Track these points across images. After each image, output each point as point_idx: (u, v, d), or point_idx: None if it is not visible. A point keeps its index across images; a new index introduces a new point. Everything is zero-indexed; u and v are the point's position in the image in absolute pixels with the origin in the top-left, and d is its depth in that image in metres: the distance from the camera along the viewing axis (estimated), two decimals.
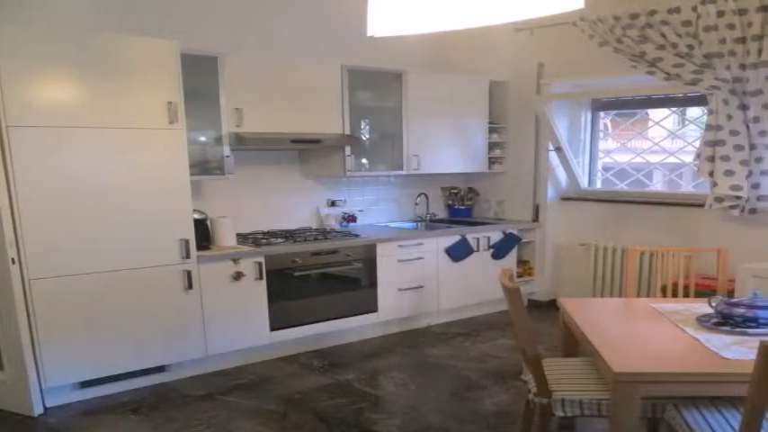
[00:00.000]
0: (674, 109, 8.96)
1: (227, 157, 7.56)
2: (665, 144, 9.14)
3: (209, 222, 7.53)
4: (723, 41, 7.22)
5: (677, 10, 7.50)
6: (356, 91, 8.64)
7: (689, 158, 8.71)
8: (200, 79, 7.30)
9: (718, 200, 7.59)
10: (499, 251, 9.62)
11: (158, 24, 7.40)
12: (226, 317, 7.30)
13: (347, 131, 8.49)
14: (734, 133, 7.37)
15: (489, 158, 10.15)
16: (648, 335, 4.51)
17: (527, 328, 4.51)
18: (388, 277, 8.55)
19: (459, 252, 9.18)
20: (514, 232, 9.76)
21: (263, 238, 8.01)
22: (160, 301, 6.86)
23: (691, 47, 7.47)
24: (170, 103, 6.67)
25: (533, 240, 10.08)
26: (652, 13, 7.67)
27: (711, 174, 7.60)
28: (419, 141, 9.27)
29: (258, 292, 7.52)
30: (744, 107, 7.31)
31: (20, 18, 6.70)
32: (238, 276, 7.33)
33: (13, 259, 5.99)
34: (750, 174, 7.38)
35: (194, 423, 6.10)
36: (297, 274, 7.79)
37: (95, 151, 6.32)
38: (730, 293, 6.32)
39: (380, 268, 8.47)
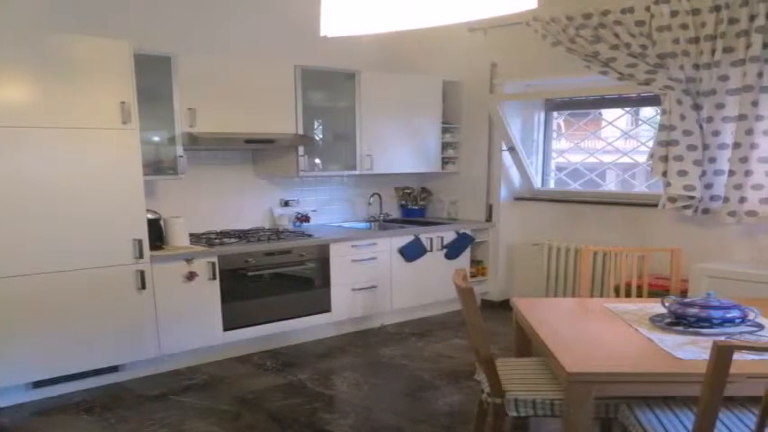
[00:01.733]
0: (627, 109, 8.99)
1: (181, 157, 7.53)
2: (618, 144, 9.16)
3: (162, 222, 7.45)
4: (676, 41, 7.26)
5: (631, 10, 7.53)
6: (309, 91, 8.60)
7: (642, 158, 8.74)
8: (153, 79, 7.24)
9: (672, 200, 7.61)
10: (452, 251, 9.61)
11: (111, 24, 7.35)
12: (179, 317, 7.26)
13: (300, 131, 8.45)
14: (687, 133, 7.39)
15: (442, 158, 10.15)
16: (602, 335, 4.49)
17: (480, 328, 4.48)
18: (341, 277, 8.51)
19: (412, 252, 9.16)
20: (468, 232, 9.76)
21: (216, 239, 7.97)
22: (113, 301, 6.81)
23: (644, 47, 7.50)
24: (123, 103, 6.63)
25: (487, 240, 10.08)
26: (605, 13, 7.69)
27: (665, 174, 7.62)
28: (372, 141, 9.25)
29: (211, 292, 7.48)
30: (697, 107, 7.34)
31: None
32: (191, 276, 7.28)
33: None
34: (703, 174, 7.41)
35: (147, 423, 6.06)
36: (250, 274, 7.75)
37: (48, 152, 6.27)
38: (683, 293, 6.36)
39: (334, 268, 8.43)
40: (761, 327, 4.44)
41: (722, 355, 3.11)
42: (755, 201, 7.06)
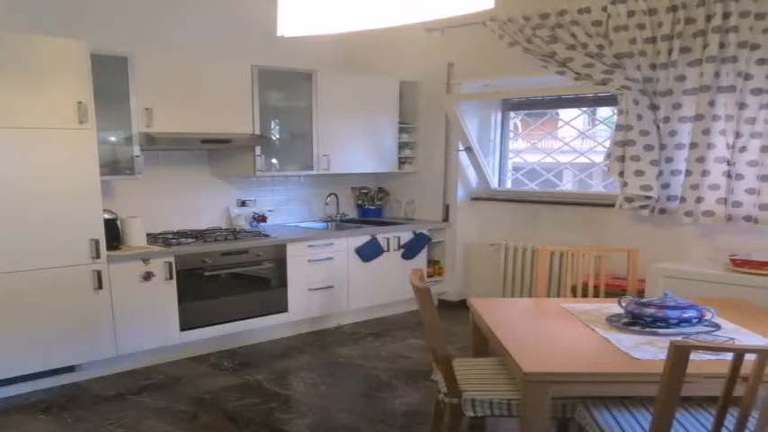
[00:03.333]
0: (584, 109, 9.02)
1: (138, 156, 7.49)
2: (575, 144, 9.19)
3: (119, 222, 7.40)
4: (633, 41, 7.28)
5: (587, 10, 7.54)
6: (266, 91, 8.58)
7: (599, 158, 8.76)
8: (110, 79, 7.20)
9: (629, 200, 7.63)
10: (409, 251, 9.60)
11: (68, 24, 7.28)
12: (136, 317, 7.22)
13: (257, 131, 8.42)
14: (644, 133, 7.42)
15: (399, 158, 10.14)
16: (558, 335, 4.49)
17: (437, 328, 4.47)
18: (298, 277, 8.48)
19: (369, 252, 9.14)
20: (425, 232, 9.75)
21: (173, 238, 7.92)
22: (70, 301, 6.77)
23: (601, 47, 7.51)
24: (80, 103, 6.59)
25: (443, 240, 10.08)
26: (562, 13, 7.70)
27: (621, 174, 7.64)
28: (329, 141, 9.22)
29: (168, 291, 7.45)
30: (654, 107, 7.37)
31: None
32: (148, 276, 7.25)
33: None
34: (660, 174, 7.44)
35: (104, 423, 6.04)
36: (207, 274, 7.72)
37: (3, 151, 6.24)
38: (640, 293, 6.37)
39: (291, 268, 8.40)
40: (717, 327, 4.47)
41: (679, 354, 3.11)
42: (712, 201, 7.09)
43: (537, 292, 6.08)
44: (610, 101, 8.25)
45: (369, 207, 10.52)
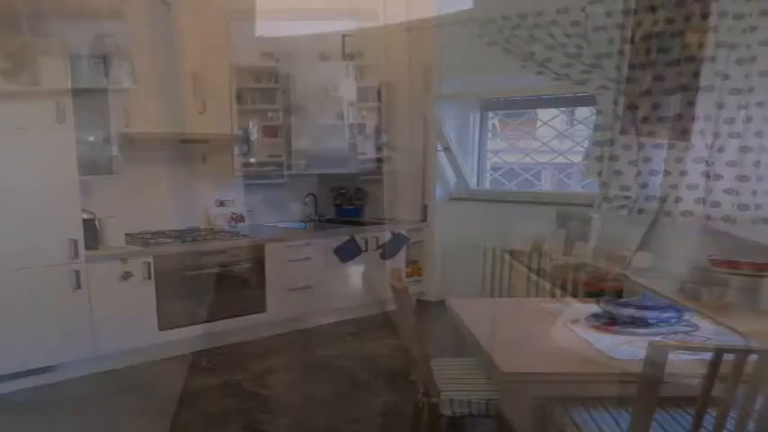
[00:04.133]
0: (562, 109, 9.03)
1: (116, 156, 7.47)
2: (553, 144, 9.19)
3: (97, 222, 7.38)
4: (612, 41, 7.27)
5: (566, 10, 7.54)
6: (244, 91, 8.57)
7: (578, 158, 8.77)
8: (89, 79, 7.15)
9: (607, 200, 7.63)
10: (388, 251, 9.58)
11: (48, 23, 7.23)
12: (114, 316, 7.20)
13: (236, 131, 8.41)
14: (623, 133, 7.42)
15: (378, 158, 10.10)
16: (537, 335, 4.50)
17: (415, 328, 4.47)
18: (276, 277, 8.47)
19: (347, 252, 9.13)
20: (403, 232, 9.75)
21: (151, 238, 7.89)
22: (49, 300, 6.76)
23: (580, 47, 7.51)
24: (58, 102, 6.57)
25: (422, 240, 10.09)
26: (541, 13, 7.69)
27: (600, 174, 7.64)
28: (307, 141, 9.17)
29: (147, 291, 7.44)
30: (633, 107, 7.36)
31: None
32: (127, 276, 7.25)
33: None
34: (638, 174, 7.44)
35: (83, 423, 6.04)
36: (185, 274, 7.72)
37: None
38: (619, 294, 6.36)
39: (269, 268, 8.39)
40: (696, 327, 4.46)
41: (658, 354, 3.11)
42: (691, 201, 7.09)
43: (515, 292, 6.09)
44: (588, 101, 8.25)
45: (347, 207, 10.50)
